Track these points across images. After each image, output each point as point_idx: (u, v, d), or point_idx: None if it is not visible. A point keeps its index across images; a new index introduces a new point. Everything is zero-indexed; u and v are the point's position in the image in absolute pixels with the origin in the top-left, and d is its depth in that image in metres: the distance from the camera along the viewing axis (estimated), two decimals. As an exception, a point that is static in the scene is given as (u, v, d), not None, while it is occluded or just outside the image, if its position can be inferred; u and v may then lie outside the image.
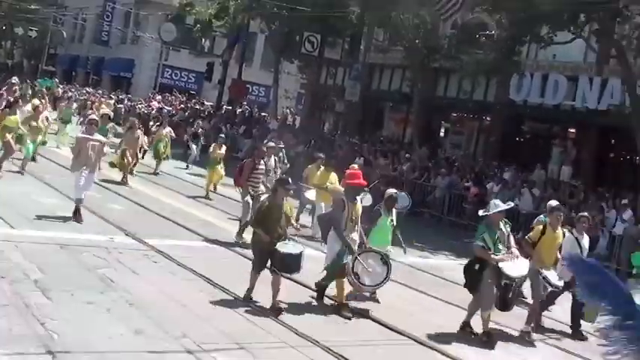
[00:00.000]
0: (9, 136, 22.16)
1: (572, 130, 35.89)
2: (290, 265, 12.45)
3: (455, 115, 42.79)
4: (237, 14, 53.87)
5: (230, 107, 55.16)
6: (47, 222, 16.57)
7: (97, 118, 20.08)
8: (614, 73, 31.00)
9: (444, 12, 34.52)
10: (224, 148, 26.90)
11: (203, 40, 67.22)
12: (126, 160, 24.83)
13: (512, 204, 14.10)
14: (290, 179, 13.63)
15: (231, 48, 56.74)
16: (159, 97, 59.36)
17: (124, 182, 24.48)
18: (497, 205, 12.92)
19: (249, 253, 16.72)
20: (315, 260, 14.00)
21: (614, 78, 31.18)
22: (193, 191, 25.94)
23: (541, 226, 14.07)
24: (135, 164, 26.18)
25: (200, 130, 37.93)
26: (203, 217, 21.03)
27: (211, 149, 26.50)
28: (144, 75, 71.01)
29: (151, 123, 35.38)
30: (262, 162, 18.91)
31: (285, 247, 12.43)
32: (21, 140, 23.38)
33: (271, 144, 23.07)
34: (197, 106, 56.22)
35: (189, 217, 20.46)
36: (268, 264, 12.55)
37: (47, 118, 25.80)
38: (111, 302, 11.41)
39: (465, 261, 18.99)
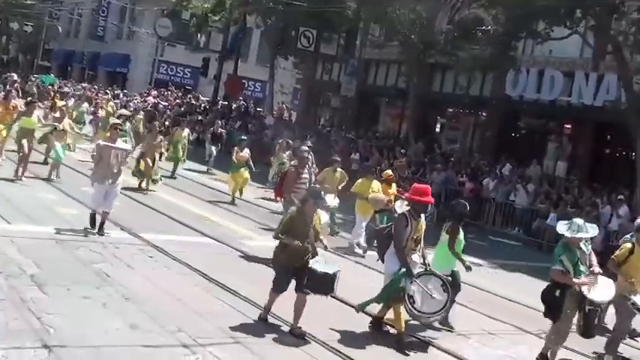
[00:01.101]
0: (24, 140, 21.29)
1: (568, 126, 35.93)
2: (325, 285, 11.28)
3: (451, 110, 42.83)
4: (233, 9, 53.81)
5: (226, 102, 55.09)
6: (43, 217, 16.56)
7: (120, 122, 19.00)
8: (610, 69, 31.04)
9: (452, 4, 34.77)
10: (247, 150, 25.09)
11: (199, 35, 67.06)
12: (145, 167, 23.26)
13: (597, 229, 11.78)
14: (322, 192, 12.29)
15: (233, 46, 56.40)
16: (154, 93, 59.27)
17: (142, 189, 23.18)
18: (581, 229, 11.16)
19: (245, 249, 16.84)
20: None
21: (610, 74, 31.22)
22: (198, 190, 25.91)
23: (629, 245, 12.46)
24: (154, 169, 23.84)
25: (220, 130, 36.09)
26: (199, 212, 21.01)
27: (233, 152, 24.93)
28: (139, 70, 70.87)
29: (167, 123, 34.30)
30: (306, 170, 17.01)
31: (320, 265, 11.31)
32: (47, 141, 23.26)
33: (305, 148, 20.86)
34: (193, 102, 56.15)
35: (184, 212, 20.46)
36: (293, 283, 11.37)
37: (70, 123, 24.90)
38: (107, 297, 11.41)
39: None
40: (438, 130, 43.27)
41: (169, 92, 61.03)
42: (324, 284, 11.22)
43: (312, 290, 11.24)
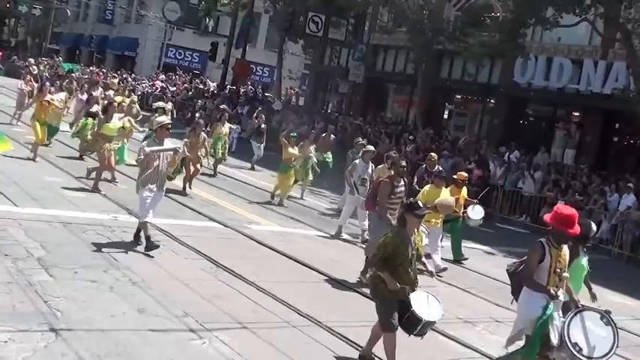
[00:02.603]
0: (106, 147, 19.36)
1: (577, 114, 35.84)
2: (421, 331, 9.77)
3: (459, 97, 42.79)
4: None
5: (234, 87, 55.06)
6: (50, 200, 16.57)
7: (170, 122, 15.23)
8: (619, 56, 30.98)
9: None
10: (296, 148, 22.91)
11: (207, 19, 67.08)
12: (192, 168, 21.04)
13: None
14: (420, 202, 10.39)
15: (241, 36, 56.11)
16: (162, 77, 59.28)
17: (183, 192, 20.83)
18: None
19: (252, 233, 16.84)
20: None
21: (618, 62, 31.15)
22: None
23: None
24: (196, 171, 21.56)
25: (264, 125, 32.11)
26: (206, 197, 20.98)
27: (283, 150, 22.68)
28: (148, 54, 70.84)
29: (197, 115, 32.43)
30: (402, 180, 14.83)
31: (422, 307, 9.60)
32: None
33: (370, 147, 19.83)
34: (200, 86, 56.13)
35: (192, 196, 20.44)
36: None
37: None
38: (114, 281, 11.44)
39: (467, 243, 19.14)
40: (446, 116, 43.21)
41: (177, 76, 61.01)
42: (423, 329, 9.74)
43: (405, 329, 9.77)
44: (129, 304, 10.51)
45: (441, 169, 20.60)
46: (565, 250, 9.74)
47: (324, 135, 27.95)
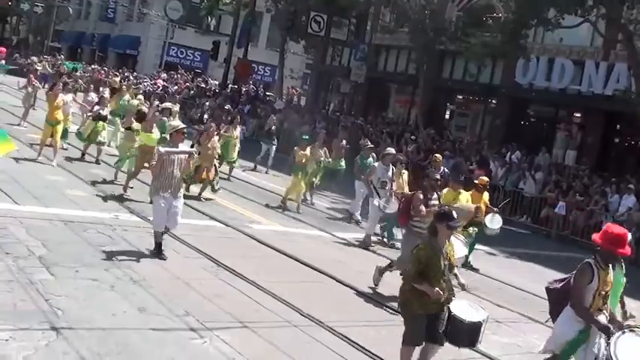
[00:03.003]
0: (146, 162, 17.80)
1: (578, 115, 35.87)
2: (472, 336, 9.26)
3: (460, 97, 42.80)
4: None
5: (235, 86, 55.01)
6: (52, 199, 16.57)
7: (185, 126, 14.61)
8: (621, 58, 30.99)
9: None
10: (309, 149, 22.07)
11: (209, 18, 67.06)
12: (206, 176, 20.27)
13: None
14: (455, 212, 9.70)
15: (242, 35, 56.10)
16: (164, 75, 59.23)
17: (200, 197, 20.24)
18: None
19: (253, 232, 16.84)
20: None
21: (620, 63, 31.18)
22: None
23: None
24: (215, 176, 20.80)
25: (274, 127, 31.53)
26: (207, 195, 20.93)
27: (294, 152, 22.02)
28: (149, 53, 70.79)
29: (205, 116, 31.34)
30: (435, 194, 14.20)
31: (463, 310, 9.22)
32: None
33: (391, 150, 19.25)
34: (202, 85, 56.11)
35: (193, 196, 20.40)
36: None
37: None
38: (115, 279, 11.44)
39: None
40: (447, 117, 43.20)
41: (179, 75, 60.96)
42: (471, 334, 9.24)
43: (453, 341, 9.34)
44: (130, 302, 10.52)
45: (447, 170, 20.43)
46: (611, 271, 9.22)
47: (334, 140, 27.11)
